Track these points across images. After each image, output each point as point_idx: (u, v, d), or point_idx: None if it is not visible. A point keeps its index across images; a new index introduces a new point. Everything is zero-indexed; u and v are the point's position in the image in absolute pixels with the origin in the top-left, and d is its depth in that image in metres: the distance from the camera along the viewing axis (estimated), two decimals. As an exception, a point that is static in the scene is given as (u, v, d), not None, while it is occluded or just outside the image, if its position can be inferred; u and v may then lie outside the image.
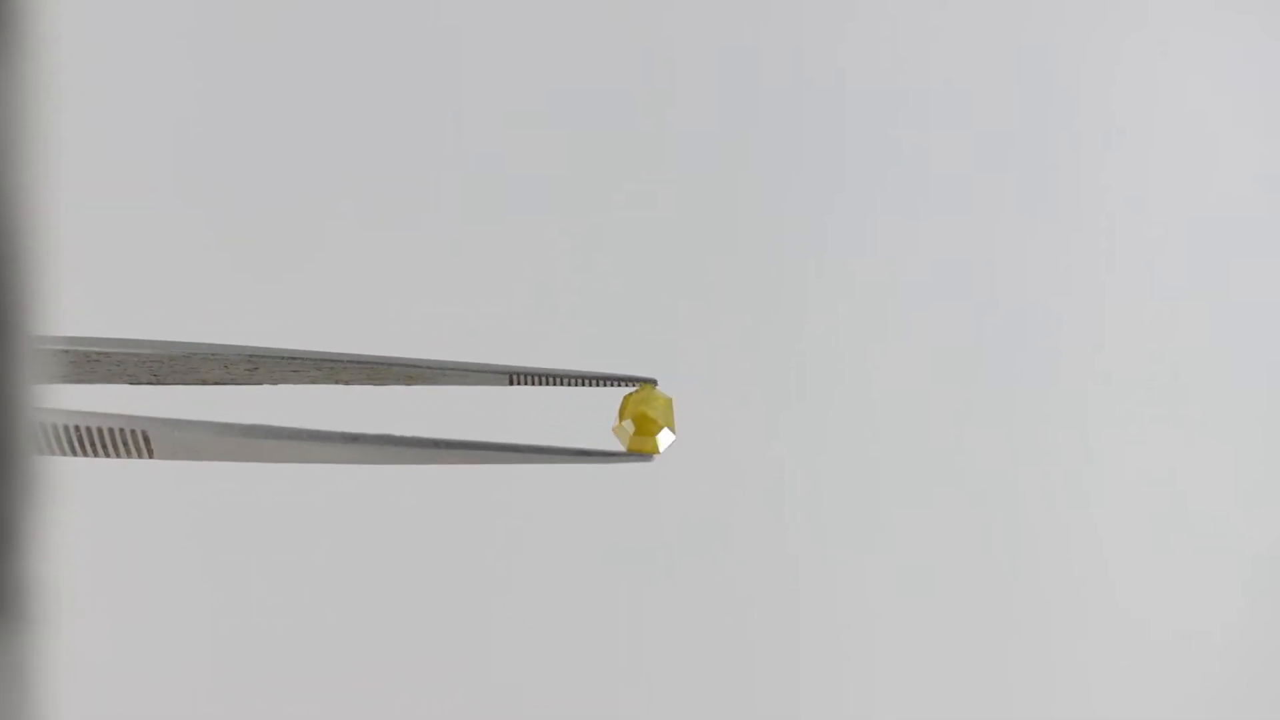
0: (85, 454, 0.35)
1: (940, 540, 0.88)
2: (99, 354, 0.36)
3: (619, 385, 0.37)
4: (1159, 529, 0.91)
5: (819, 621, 0.88)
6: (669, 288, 0.85)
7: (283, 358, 0.36)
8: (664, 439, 0.37)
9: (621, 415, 0.37)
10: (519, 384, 0.36)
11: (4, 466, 0.17)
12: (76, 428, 0.34)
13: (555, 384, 0.36)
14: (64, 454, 0.33)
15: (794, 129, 0.87)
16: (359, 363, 0.35)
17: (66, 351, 0.36)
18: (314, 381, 0.35)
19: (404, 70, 0.83)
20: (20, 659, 0.17)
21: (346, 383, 0.35)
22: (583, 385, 0.36)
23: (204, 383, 0.36)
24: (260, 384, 0.36)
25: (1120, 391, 0.90)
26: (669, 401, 0.37)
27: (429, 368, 0.36)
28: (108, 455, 0.35)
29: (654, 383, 0.37)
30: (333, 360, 0.36)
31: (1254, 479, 0.91)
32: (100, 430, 0.34)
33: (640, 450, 0.37)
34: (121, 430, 0.34)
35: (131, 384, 0.37)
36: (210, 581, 0.81)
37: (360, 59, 0.83)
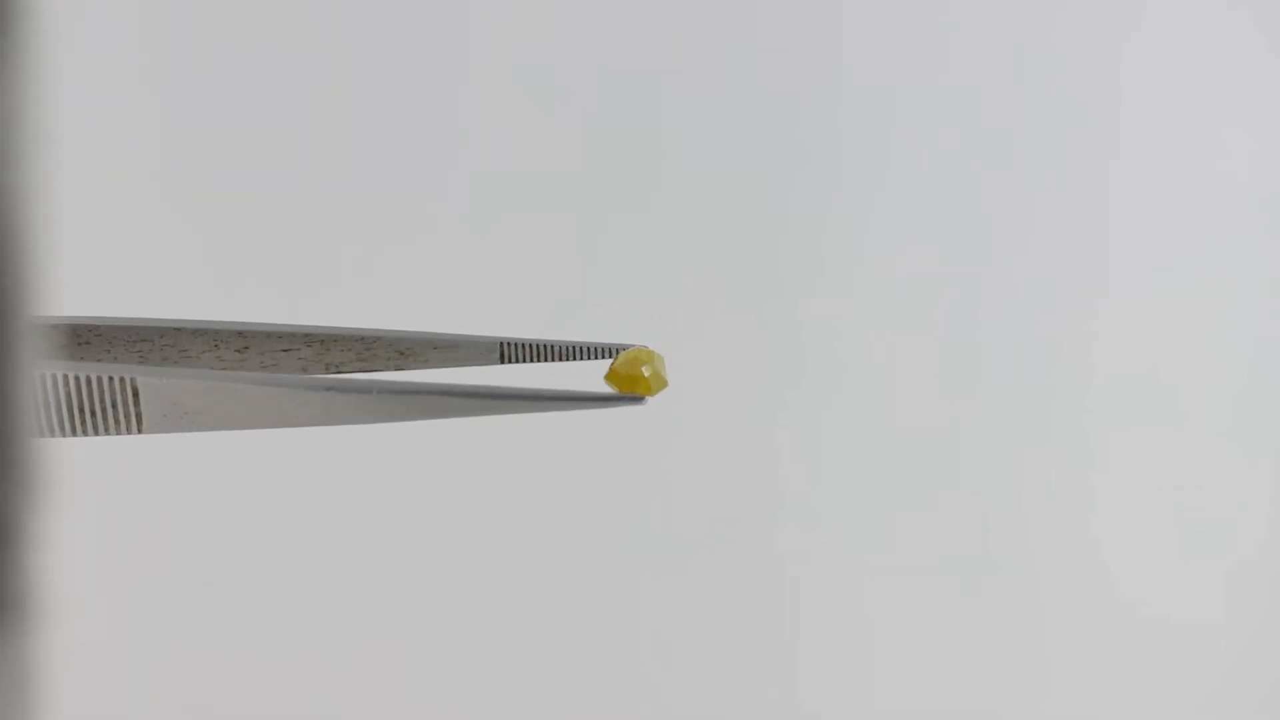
0: (78, 425, 0.35)
1: (936, 534, 0.88)
2: (89, 330, 0.36)
3: (611, 356, 0.37)
4: (1154, 526, 0.91)
5: (815, 608, 0.88)
6: (665, 278, 0.85)
7: (272, 334, 0.35)
8: (655, 382, 0.37)
9: (613, 365, 0.37)
10: (509, 359, 0.36)
11: (4, 466, 0.17)
12: (69, 378, 0.34)
13: (547, 358, 0.36)
14: (58, 429, 0.33)
15: (795, 120, 0.87)
16: (348, 335, 0.35)
17: (58, 328, 0.36)
18: (304, 363, 0.35)
19: (391, 46, 0.83)
20: (20, 658, 0.17)
21: (338, 367, 0.35)
22: (574, 359, 0.36)
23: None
24: (250, 370, 0.36)
25: (1118, 388, 0.90)
26: (660, 356, 0.37)
27: (419, 341, 0.36)
28: (99, 425, 0.35)
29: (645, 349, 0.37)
30: (322, 335, 0.36)
31: (1250, 478, 0.91)
32: (90, 381, 0.34)
33: (632, 391, 0.37)
34: (111, 380, 0.34)
35: None
36: (208, 552, 0.81)
37: (343, 35, 0.82)
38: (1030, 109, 0.89)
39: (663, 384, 0.37)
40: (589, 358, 0.36)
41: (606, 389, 0.37)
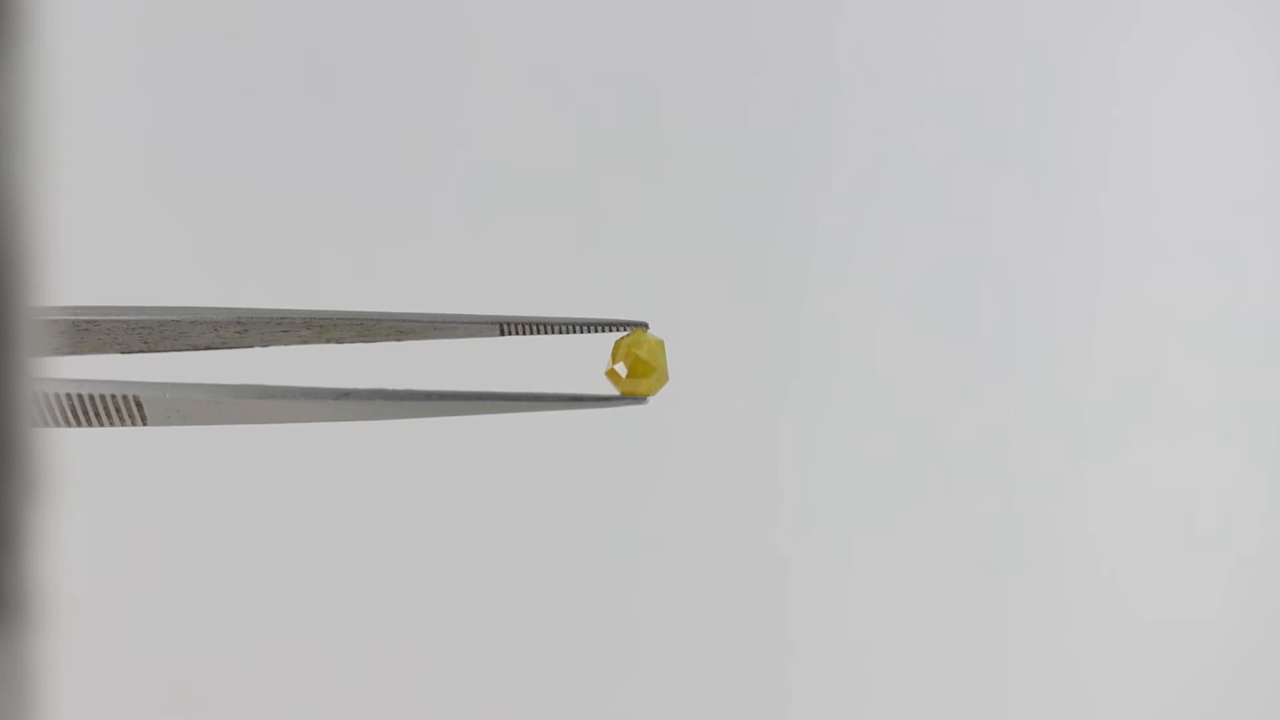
0: (80, 423, 0.35)
1: (934, 534, 0.88)
2: (89, 322, 0.36)
3: (610, 330, 0.36)
4: (1152, 524, 0.91)
5: (814, 608, 0.88)
6: (664, 278, 0.85)
7: (271, 319, 0.36)
8: (657, 381, 0.37)
9: (614, 359, 0.37)
10: (509, 334, 0.36)
11: (4, 465, 0.17)
12: (70, 395, 0.34)
13: (546, 332, 0.36)
14: (60, 424, 0.33)
15: (793, 120, 0.87)
16: (348, 320, 0.35)
17: (57, 321, 0.35)
18: (304, 341, 0.36)
19: (386, 30, 0.83)
20: (20, 659, 0.17)
21: (337, 341, 0.35)
22: (573, 332, 0.36)
23: (195, 348, 0.36)
24: (250, 346, 0.36)
25: (1118, 388, 0.90)
26: (660, 343, 0.37)
27: (419, 322, 0.36)
28: (102, 424, 0.35)
29: (645, 326, 0.37)
30: (322, 318, 0.36)
31: (1246, 477, 0.91)
32: (94, 398, 0.34)
33: (633, 393, 0.36)
34: (114, 397, 0.34)
35: (123, 353, 0.37)
36: (206, 553, 0.81)
37: (343, 32, 0.82)
38: (1028, 109, 0.89)
39: (664, 379, 0.37)
40: (589, 332, 0.36)
41: (607, 387, 0.37)
